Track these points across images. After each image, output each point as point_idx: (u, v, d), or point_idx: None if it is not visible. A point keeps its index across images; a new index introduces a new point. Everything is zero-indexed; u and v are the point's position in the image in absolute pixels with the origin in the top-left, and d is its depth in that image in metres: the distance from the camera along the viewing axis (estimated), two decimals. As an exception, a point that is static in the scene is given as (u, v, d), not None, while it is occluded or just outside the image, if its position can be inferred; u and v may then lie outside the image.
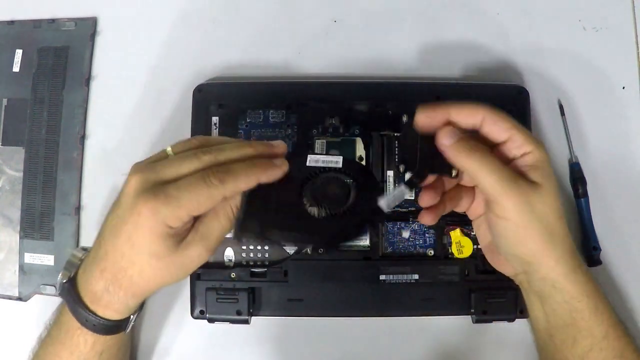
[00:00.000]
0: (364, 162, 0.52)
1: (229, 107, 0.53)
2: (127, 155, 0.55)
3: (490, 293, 0.50)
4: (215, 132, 0.52)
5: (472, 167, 0.40)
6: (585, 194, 0.53)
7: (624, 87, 0.56)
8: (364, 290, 0.51)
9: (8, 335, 0.54)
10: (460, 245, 0.50)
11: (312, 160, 0.42)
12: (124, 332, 0.44)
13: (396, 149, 0.52)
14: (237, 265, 0.51)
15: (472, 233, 0.50)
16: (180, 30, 0.58)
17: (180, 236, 0.40)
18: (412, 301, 0.51)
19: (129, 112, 0.56)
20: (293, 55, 0.57)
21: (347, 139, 0.52)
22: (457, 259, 0.51)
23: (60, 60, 0.56)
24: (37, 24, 0.57)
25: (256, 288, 0.51)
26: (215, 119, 0.53)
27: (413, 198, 0.51)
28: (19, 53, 0.57)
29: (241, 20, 0.58)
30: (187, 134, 0.53)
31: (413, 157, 0.41)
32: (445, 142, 0.40)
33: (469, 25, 0.57)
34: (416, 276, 0.50)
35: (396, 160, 0.52)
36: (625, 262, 0.54)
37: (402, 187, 0.40)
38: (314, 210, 0.40)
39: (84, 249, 0.45)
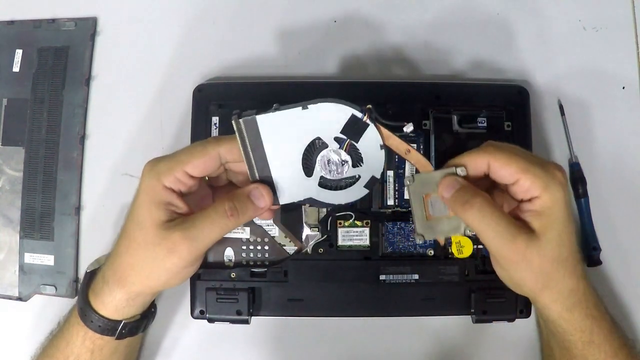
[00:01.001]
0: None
1: (229, 107, 0.53)
2: (127, 155, 0.55)
3: (490, 293, 0.50)
4: (215, 132, 0.52)
5: (470, 221, 0.40)
6: (585, 194, 0.53)
7: (624, 87, 0.56)
8: (364, 290, 0.51)
9: (8, 335, 0.54)
10: (460, 245, 0.50)
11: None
12: (114, 338, 0.44)
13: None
14: (237, 265, 0.51)
15: (472, 233, 0.50)
16: (180, 30, 0.58)
17: (169, 213, 0.41)
18: (412, 301, 0.51)
19: (129, 112, 0.56)
20: (293, 55, 0.57)
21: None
22: (457, 259, 0.50)
23: (60, 60, 0.56)
24: (37, 24, 0.57)
25: (256, 288, 0.51)
26: (215, 119, 0.53)
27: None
28: (19, 53, 0.57)
29: (241, 20, 0.58)
30: (187, 133, 0.53)
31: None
32: (445, 195, 0.40)
33: (469, 26, 0.57)
34: (416, 276, 0.50)
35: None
36: (625, 261, 0.54)
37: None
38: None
39: None
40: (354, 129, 0.39)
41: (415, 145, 0.51)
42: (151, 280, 0.42)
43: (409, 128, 0.40)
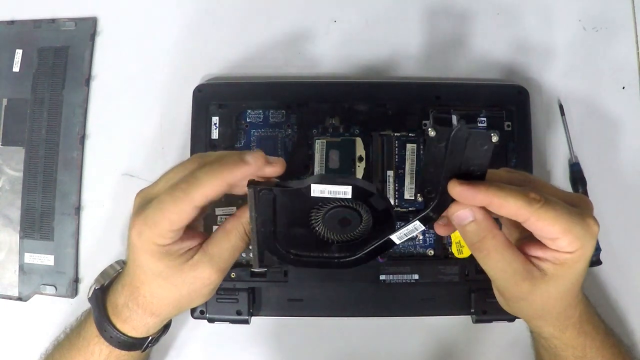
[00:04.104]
0: (363, 162, 0.51)
1: (229, 107, 0.53)
2: (127, 155, 0.55)
3: (490, 293, 0.49)
4: (215, 132, 0.52)
5: (476, 259, 0.38)
6: (585, 194, 0.53)
7: (624, 87, 0.56)
8: (364, 290, 0.51)
9: (8, 335, 0.54)
10: (460, 245, 0.50)
11: (317, 190, 0.37)
12: (140, 351, 0.44)
13: (396, 150, 0.52)
14: (237, 265, 0.51)
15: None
16: (180, 30, 0.58)
17: (182, 255, 0.39)
18: (412, 301, 0.51)
19: (129, 112, 0.56)
20: (293, 55, 0.57)
21: (347, 139, 0.52)
22: (457, 259, 0.51)
23: (60, 60, 0.56)
24: (37, 24, 0.57)
25: (256, 288, 0.51)
26: (215, 119, 0.53)
27: (413, 198, 0.51)
28: (19, 53, 0.57)
29: (241, 20, 0.58)
30: (187, 134, 0.53)
31: (431, 180, 0.36)
32: (459, 223, 0.37)
33: (469, 25, 0.57)
34: (416, 276, 0.50)
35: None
36: (625, 262, 0.54)
37: (417, 223, 0.38)
38: (326, 234, 0.38)
39: (124, 262, 0.45)
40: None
41: (415, 145, 0.52)
42: (188, 306, 0.42)
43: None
